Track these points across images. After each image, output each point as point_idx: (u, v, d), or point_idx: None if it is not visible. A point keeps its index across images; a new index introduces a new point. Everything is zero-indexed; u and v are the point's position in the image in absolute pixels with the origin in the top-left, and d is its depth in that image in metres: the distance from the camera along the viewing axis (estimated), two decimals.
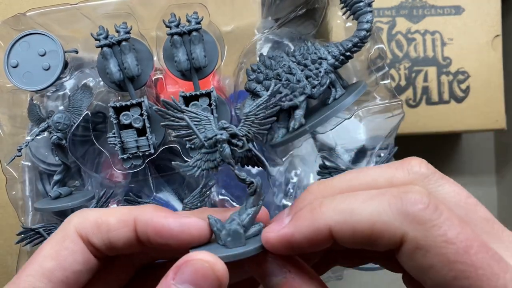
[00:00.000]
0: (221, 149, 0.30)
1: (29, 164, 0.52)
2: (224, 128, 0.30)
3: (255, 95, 0.48)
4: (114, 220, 0.29)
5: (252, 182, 0.31)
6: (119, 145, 0.46)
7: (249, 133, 0.31)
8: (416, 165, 0.27)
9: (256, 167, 0.33)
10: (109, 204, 0.49)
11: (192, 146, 0.31)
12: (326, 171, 0.49)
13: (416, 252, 0.24)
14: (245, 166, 0.32)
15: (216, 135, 0.30)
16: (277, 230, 0.27)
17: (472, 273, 0.23)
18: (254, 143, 0.32)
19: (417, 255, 0.24)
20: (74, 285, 0.29)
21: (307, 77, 0.47)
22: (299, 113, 0.48)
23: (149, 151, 0.46)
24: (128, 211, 0.29)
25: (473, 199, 0.26)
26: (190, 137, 0.31)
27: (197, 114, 0.31)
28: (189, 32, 0.45)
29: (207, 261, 0.25)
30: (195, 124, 0.30)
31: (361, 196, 0.25)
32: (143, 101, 0.45)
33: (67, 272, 0.28)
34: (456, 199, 0.26)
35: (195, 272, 0.25)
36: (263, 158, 0.31)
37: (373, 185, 0.26)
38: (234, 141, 0.30)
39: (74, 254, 0.28)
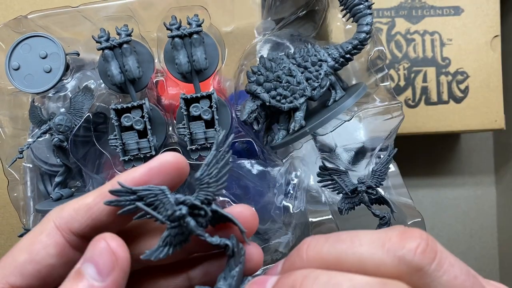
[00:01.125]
0: (185, 224, 0.28)
1: (31, 165, 0.52)
2: (181, 203, 0.28)
3: (255, 97, 0.48)
4: (91, 198, 0.28)
5: (227, 245, 0.29)
6: (120, 147, 0.46)
7: (208, 196, 0.29)
8: (410, 252, 0.23)
9: (227, 221, 0.31)
10: None
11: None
12: (326, 173, 0.49)
13: None
14: (216, 225, 0.31)
15: (175, 212, 0.28)
16: None
17: None
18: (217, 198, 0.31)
19: None
20: (48, 278, 0.28)
21: (307, 79, 0.47)
22: (299, 115, 0.48)
23: (150, 153, 0.47)
24: (103, 186, 0.29)
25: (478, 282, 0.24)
26: (151, 217, 0.29)
27: (150, 190, 0.29)
28: (190, 34, 0.45)
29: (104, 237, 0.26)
30: (151, 201, 0.29)
31: (344, 286, 0.23)
32: (144, 103, 0.46)
33: (39, 266, 0.28)
34: None
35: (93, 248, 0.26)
36: (230, 216, 0.30)
37: (360, 269, 0.25)
38: (195, 211, 0.29)
39: (47, 247, 0.28)
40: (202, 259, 0.32)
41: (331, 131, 0.51)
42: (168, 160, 0.29)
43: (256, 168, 0.53)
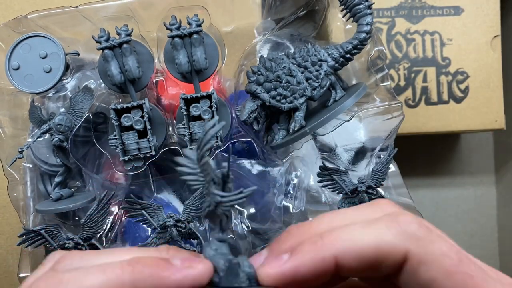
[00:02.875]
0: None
1: (31, 165, 0.52)
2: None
3: (255, 97, 0.48)
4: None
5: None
6: (120, 147, 0.46)
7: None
8: (407, 222, 0.26)
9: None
10: (110, 206, 0.49)
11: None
12: (326, 173, 0.49)
13: (420, 268, 0.25)
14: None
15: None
16: (277, 266, 0.26)
17: (469, 281, 0.24)
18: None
19: (420, 270, 0.25)
20: None
21: (307, 79, 0.47)
22: (299, 115, 0.48)
23: (150, 153, 0.47)
24: (120, 272, 0.25)
25: (464, 252, 0.26)
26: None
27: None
28: (190, 34, 0.45)
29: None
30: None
31: (359, 225, 0.26)
32: (144, 103, 0.45)
33: None
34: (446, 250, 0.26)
35: None
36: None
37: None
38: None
39: None
40: None
41: (331, 131, 0.51)
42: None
43: (256, 168, 0.53)
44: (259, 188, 0.53)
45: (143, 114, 0.46)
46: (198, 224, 0.49)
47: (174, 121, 0.50)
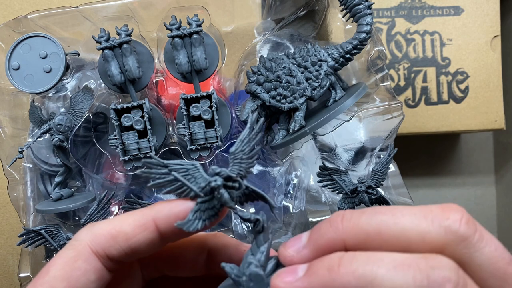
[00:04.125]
0: (219, 196, 0.29)
1: (31, 165, 0.52)
2: (216, 174, 0.29)
3: (255, 97, 0.48)
4: (130, 228, 0.28)
5: (258, 219, 0.29)
6: (120, 147, 0.46)
7: (241, 171, 0.30)
8: (456, 222, 0.24)
9: (255, 201, 0.31)
10: (110, 206, 0.49)
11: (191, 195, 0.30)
12: (326, 173, 0.49)
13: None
14: (245, 203, 0.31)
15: (210, 183, 0.29)
16: (288, 283, 0.26)
17: None
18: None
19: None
20: None
21: (307, 79, 0.47)
22: (299, 115, 0.48)
23: (150, 153, 0.47)
24: (141, 214, 0.29)
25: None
26: (183, 190, 0.29)
27: (182, 164, 0.30)
28: (190, 34, 0.45)
29: None
30: (183, 176, 0.29)
31: (385, 264, 0.23)
32: (144, 103, 0.46)
33: None
34: (493, 268, 0.24)
35: None
36: (262, 192, 0.30)
37: (403, 240, 0.24)
38: (229, 183, 0.29)
39: (87, 273, 0.27)
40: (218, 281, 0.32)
41: (331, 131, 0.51)
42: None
43: (256, 168, 0.54)
44: (259, 188, 0.53)
45: (143, 114, 0.46)
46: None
47: (174, 121, 0.50)
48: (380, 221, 0.25)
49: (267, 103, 0.48)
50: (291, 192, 0.54)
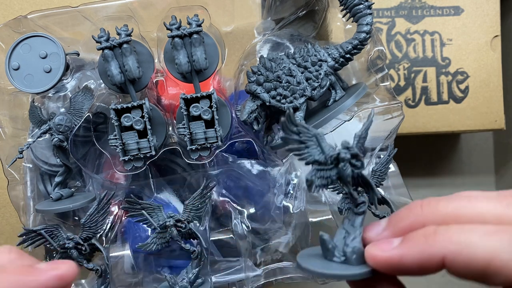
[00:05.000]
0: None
1: (31, 165, 0.52)
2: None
3: (255, 97, 0.48)
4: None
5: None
6: (120, 147, 0.46)
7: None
8: None
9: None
10: (110, 206, 0.49)
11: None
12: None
13: None
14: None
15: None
16: (386, 250, 0.27)
17: None
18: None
19: None
20: None
21: (307, 79, 0.47)
22: (299, 115, 0.48)
23: (150, 153, 0.47)
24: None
25: None
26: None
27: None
28: (190, 34, 0.45)
29: None
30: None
31: (479, 230, 0.25)
32: (144, 103, 0.45)
33: None
34: None
35: None
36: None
37: (479, 221, 0.26)
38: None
39: None
40: None
41: (331, 131, 0.51)
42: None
43: (256, 168, 0.53)
44: (259, 188, 0.53)
45: (143, 114, 0.46)
46: (198, 224, 0.49)
47: (174, 121, 0.50)
48: (458, 205, 0.27)
49: (267, 103, 0.48)
50: (291, 192, 0.54)
